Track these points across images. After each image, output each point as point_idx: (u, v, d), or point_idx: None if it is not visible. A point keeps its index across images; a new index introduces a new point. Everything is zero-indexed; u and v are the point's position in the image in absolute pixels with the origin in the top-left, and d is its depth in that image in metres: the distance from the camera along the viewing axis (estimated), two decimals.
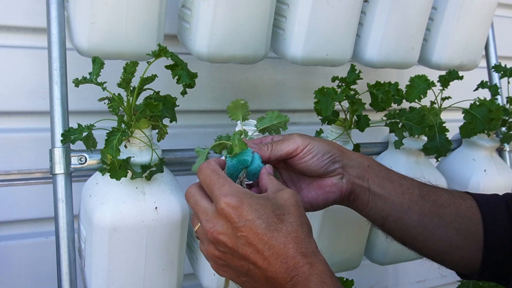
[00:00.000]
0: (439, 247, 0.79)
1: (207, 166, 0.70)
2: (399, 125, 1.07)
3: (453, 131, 1.22)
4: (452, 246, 0.78)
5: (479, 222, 0.78)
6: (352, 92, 1.01)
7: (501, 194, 0.83)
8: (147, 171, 0.86)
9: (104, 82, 0.84)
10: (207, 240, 0.67)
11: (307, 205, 0.79)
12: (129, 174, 0.85)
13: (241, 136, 0.80)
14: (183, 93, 0.87)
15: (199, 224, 0.68)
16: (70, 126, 0.87)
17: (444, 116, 1.15)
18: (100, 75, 0.85)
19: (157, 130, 0.91)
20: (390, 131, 1.11)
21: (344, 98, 1.00)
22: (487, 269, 0.78)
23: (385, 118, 1.08)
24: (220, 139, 0.80)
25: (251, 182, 0.76)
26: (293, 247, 0.63)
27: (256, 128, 0.83)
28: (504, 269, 0.78)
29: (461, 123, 1.18)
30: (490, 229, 0.77)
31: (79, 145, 0.85)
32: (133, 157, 0.86)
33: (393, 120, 1.07)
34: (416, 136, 1.14)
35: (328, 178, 0.78)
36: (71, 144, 0.85)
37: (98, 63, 0.85)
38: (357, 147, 1.07)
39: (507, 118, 1.21)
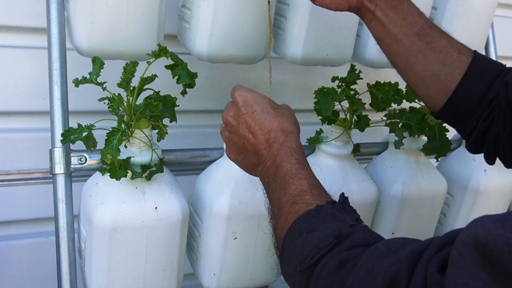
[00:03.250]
0: (414, 80, 0.86)
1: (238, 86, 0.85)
2: (399, 125, 1.07)
3: (453, 131, 1.21)
4: (424, 84, 0.86)
5: (459, 76, 0.83)
6: (352, 92, 1.01)
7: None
8: (147, 171, 0.86)
9: (104, 82, 0.84)
10: (224, 127, 0.84)
11: (322, 3, 0.89)
12: (129, 174, 0.85)
13: None
14: (183, 93, 0.88)
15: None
16: (70, 126, 0.88)
17: None
18: (100, 75, 0.85)
19: (157, 130, 0.91)
20: (390, 131, 1.11)
21: (344, 98, 1.00)
22: (445, 113, 0.85)
23: (385, 118, 1.08)
24: None
25: None
26: (277, 124, 0.77)
27: None
28: (459, 118, 0.86)
29: None
30: (464, 85, 0.82)
31: (79, 145, 0.85)
32: (133, 157, 0.86)
33: (393, 120, 1.07)
34: (416, 136, 1.13)
35: None
36: (71, 144, 0.85)
37: (98, 63, 0.85)
38: (357, 147, 1.07)
39: None
